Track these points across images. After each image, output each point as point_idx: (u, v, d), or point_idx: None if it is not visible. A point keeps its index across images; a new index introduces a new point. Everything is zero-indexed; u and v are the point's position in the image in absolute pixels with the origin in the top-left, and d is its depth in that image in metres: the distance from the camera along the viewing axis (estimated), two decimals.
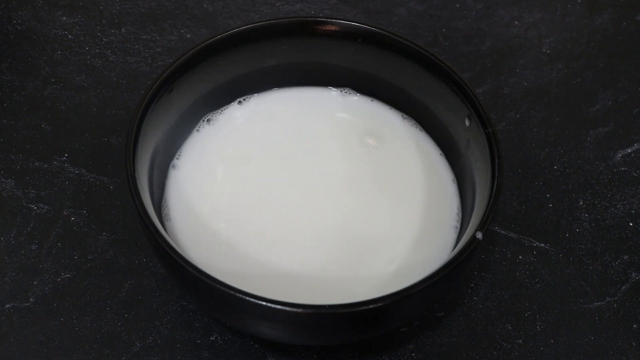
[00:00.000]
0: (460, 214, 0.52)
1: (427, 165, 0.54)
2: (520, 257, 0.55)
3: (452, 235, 0.51)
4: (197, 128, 0.54)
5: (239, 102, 0.55)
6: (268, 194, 0.52)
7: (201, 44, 0.51)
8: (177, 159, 0.53)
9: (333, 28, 0.53)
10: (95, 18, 0.67)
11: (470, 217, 0.48)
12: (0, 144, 0.58)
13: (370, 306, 0.42)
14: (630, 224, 0.57)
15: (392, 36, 0.53)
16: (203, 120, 0.54)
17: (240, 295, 0.41)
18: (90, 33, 0.66)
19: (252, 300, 0.41)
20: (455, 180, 0.53)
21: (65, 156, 0.58)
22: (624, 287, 0.54)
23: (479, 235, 0.44)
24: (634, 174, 0.60)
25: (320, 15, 0.68)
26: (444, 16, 0.69)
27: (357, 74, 0.56)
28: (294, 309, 0.41)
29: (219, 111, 0.55)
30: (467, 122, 0.51)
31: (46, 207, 0.55)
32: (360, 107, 0.56)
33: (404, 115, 0.56)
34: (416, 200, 0.52)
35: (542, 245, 0.56)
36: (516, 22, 0.69)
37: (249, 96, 0.56)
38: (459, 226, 0.51)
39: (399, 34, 0.53)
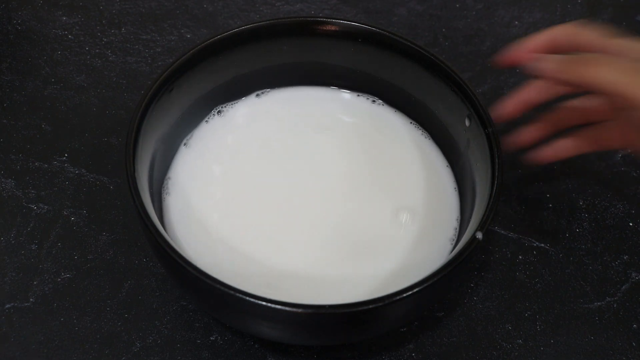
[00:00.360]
0: (460, 214, 0.52)
1: (428, 166, 0.54)
2: (520, 257, 0.55)
3: (452, 236, 0.51)
4: (206, 119, 0.54)
5: (257, 95, 0.56)
6: (268, 194, 0.52)
7: (201, 44, 0.51)
8: (185, 144, 0.53)
9: (333, 28, 0.53)
10: (95, 18, 0.67)
11: (470, 217, 0.48)
12: (0, 144, 0.58)
13: (370, 306, 0.42)
14: (630, 224, 0.57)
15: (392, 36, 0.53)
16: (214, 112, 0.55)
17: (240, 295, 0.41)
18: (90, 33, 0.66)
19: (252, 300, 0.41)
20: (455, 180, 0.53)
21: (65, 156, 0.58)
22: (624, 287, 0.54)
23: (479, 235, 0.44)
24: (634, 174, 0.60)
25: (320, 15, 0.68)
26: (444, 16, 0.69)
27: (357, 74, 0.56)
28: (294, 309, 0.41)
29: (230, 104, 0.55)
30: (467, 122, 0.51)
31: (46, 207, 0.55)
32: (361, 108, 0.56)
33: (411, 121, 0.56)
34: (416, 201, 0.52)
35: (542, 245, 0.56)
36: (516, 22, 0.69)
37: (267, 90, 0.56)
38: (458, 226, 0.51)
39: (399, 34, 0.53)
